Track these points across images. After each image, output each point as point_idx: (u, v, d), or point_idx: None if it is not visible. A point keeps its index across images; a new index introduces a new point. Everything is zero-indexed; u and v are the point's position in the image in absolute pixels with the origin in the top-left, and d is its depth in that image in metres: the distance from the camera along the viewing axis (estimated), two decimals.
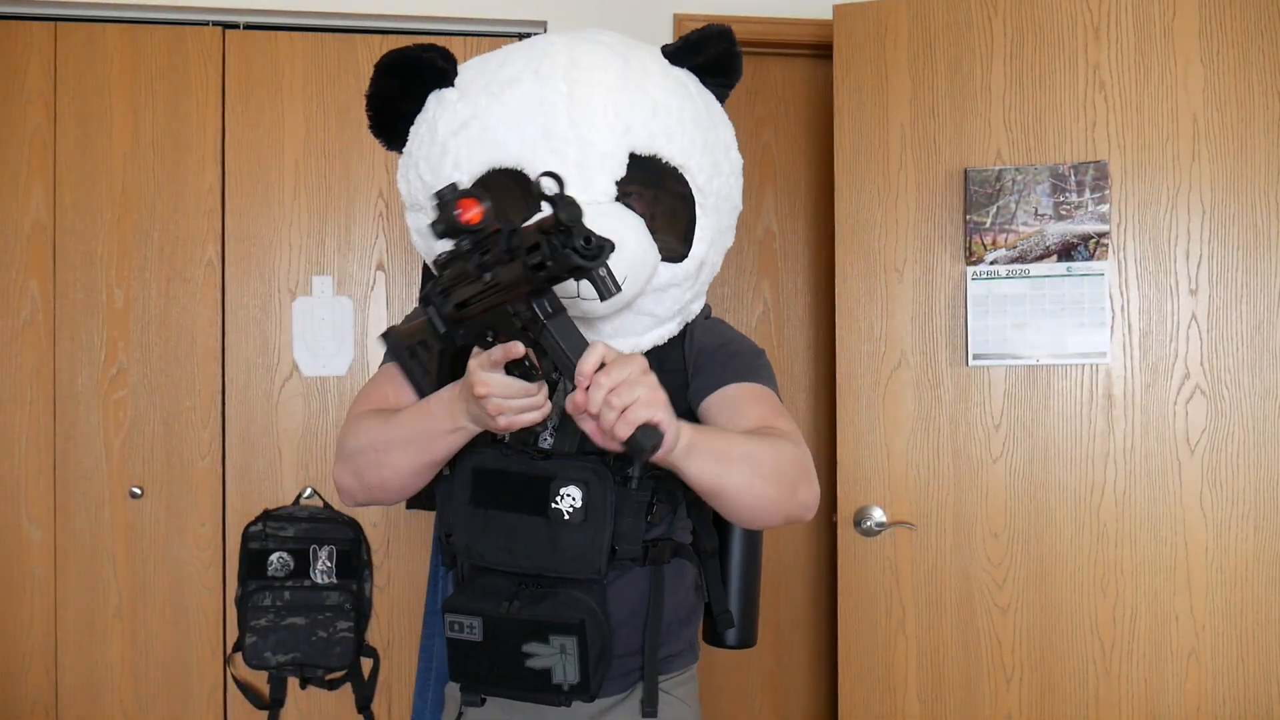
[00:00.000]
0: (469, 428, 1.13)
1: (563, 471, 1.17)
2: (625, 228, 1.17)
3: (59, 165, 2.32)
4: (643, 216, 1.21)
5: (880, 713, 2.18)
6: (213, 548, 2.35)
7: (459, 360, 1.18)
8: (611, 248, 0.92)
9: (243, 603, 2.28)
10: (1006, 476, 2.12)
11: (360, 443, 1.22)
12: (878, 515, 2.17)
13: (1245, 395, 2.03)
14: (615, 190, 1.21)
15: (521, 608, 1.16)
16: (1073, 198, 2.07)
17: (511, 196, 1.23)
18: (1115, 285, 2.07)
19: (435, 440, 1.16)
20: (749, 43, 2.49)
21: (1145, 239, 2.07)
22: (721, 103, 1.36)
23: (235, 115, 2.38)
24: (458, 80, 1.28)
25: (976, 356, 2.12)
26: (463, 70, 1.30)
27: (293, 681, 2.33)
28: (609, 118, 1.20)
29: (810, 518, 1.19)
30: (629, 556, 1.20)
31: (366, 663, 2.36)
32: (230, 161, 2.38)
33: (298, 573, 2.28)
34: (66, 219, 2.32)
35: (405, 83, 1.28)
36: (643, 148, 1.22)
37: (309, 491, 2.37)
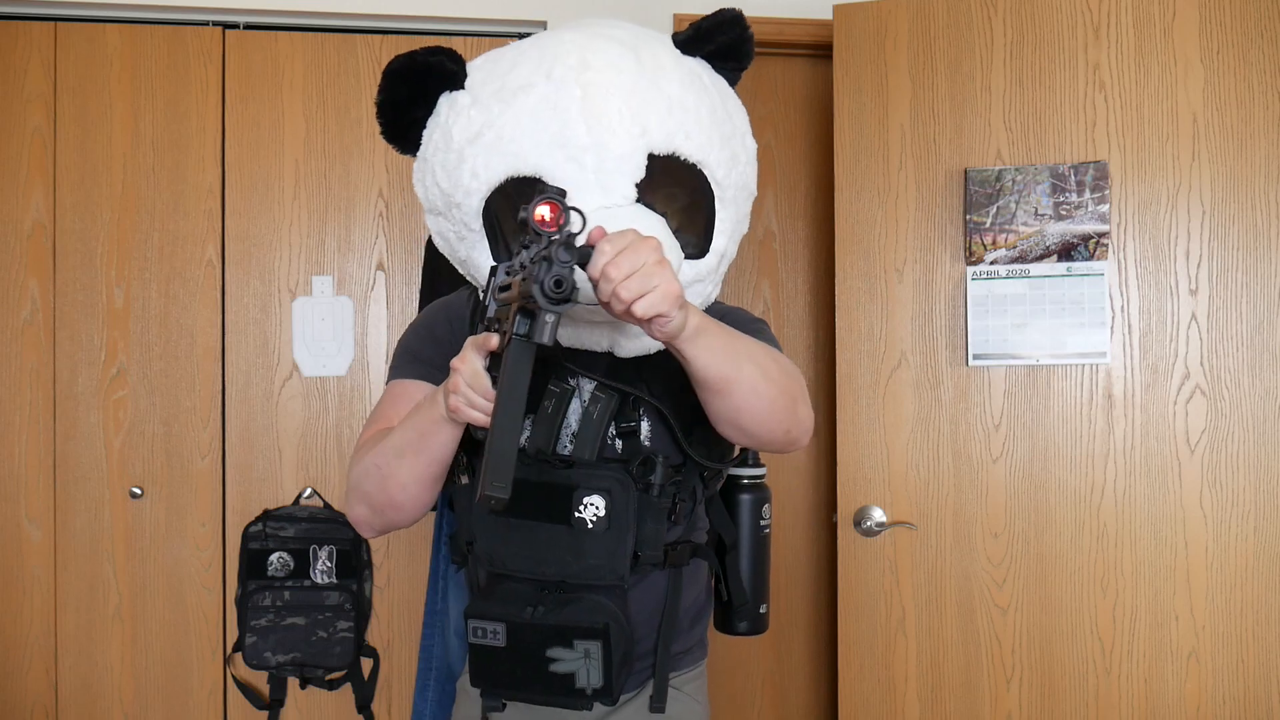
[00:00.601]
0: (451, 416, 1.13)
1: (585, 481, 1.17)
2: (647, 231, 1.16)
3: (59, 165, 2.32)
4: (663, 216, 1.20)
5: (880, 713, 2.18)
6: (213, 548, 2.35)
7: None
8: (572, 304, 0.94)
9: (243, 603, 2.28)
10: (1006, 476, 2.12)
11: (364, 465, 1.21)
12: (878, 515, 2.17)
13: (1245, 395, 2.03)
14: (635, 193, 1.19)
15: (546, 613, 1.16)
16: (1073, 198, 2.07)
17: None
18: (1115, 285, 2.07)
19: (430, 435, 1.14)
20: None
21: (1145, 239, 2.07)
22: (733, 86, 1.33)
23: (235, 115, 2.38)
24: (468, 82, 1.26)
25: (976, 356, 2.12)
26: (472, 71, 1.28)
27: (293, 681, 2.33)
28: (625, 121, 1.18)
29: (805, 443, 1.19)
30: (651, 561, 1.20)
31: (366, 663, 2.36)
32: (230, 161, 2.38)
33: (298, 573, 2.28)
34: (66, 219, 2.32)
35: (415, 88, 1.26)
36: (660, 147, 1.20)
37: (309, 491, 2.37)
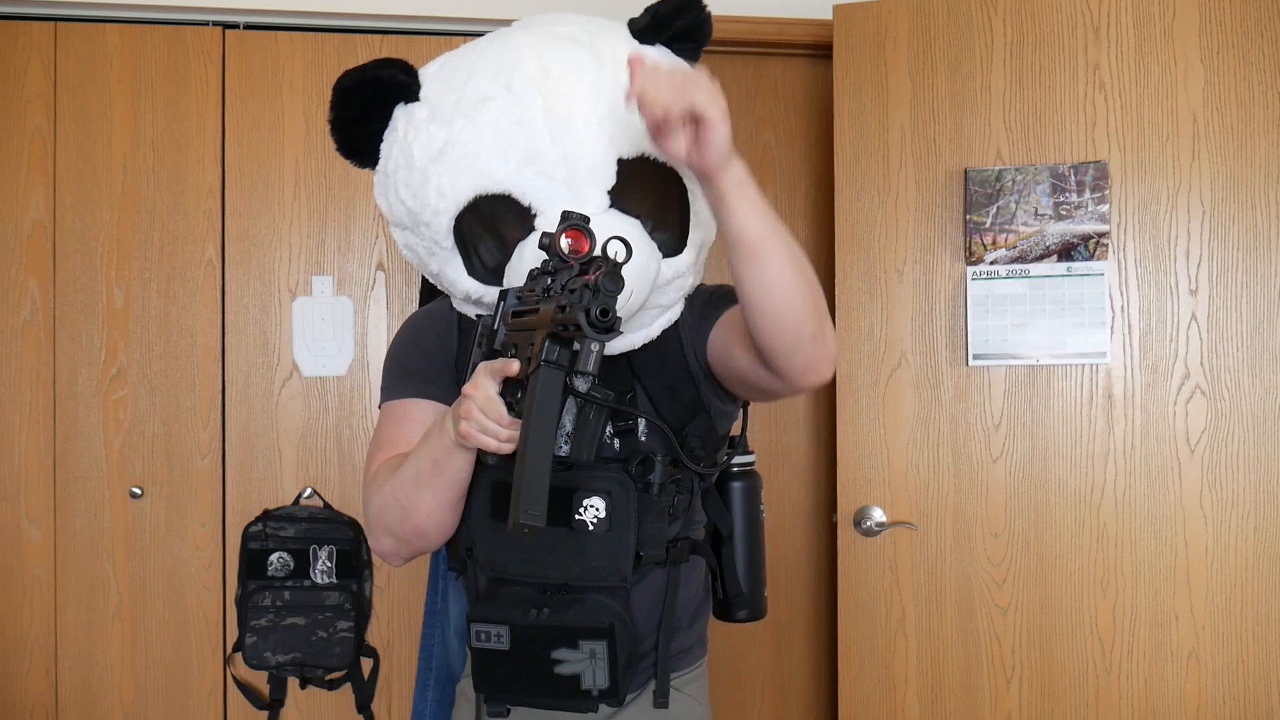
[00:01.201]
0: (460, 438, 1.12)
1: (585, 483, 1.17)
2: (625, 236, 1.16)
3: (59, 165, 2.32)
4: (637, 219, 1.19)
5: (880, 713, 2.18)
6: (213, 548, 2.35)
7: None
8: (617, 334, 0.94)
9: (243, 603, 2.28)
10: (1006, 476, 2.11)
11: (383, 499, 1.20)
12: (878, 515, 2.17)
13: (1245, 395, 2.03)
14: (608, 200, 1.18)
15: (550, 614, 1.15)
16: (1073, 198, 2.07)
17: (505, 223, 1.20)
18: (1115, 285, 2.07)
19: (444, 462, 1.14)
20: (749, 43, 2.49)
21: (1145, 239, 2.07)
22: (693, 63, 1.29)
23: (235, 115, 2.38)
24: (423, 93, 1.25)
25: (976, 356, 2.12)
26: (426, 81, 1.26)
27: (293, 681, 2.33)
28: (591, 128, 1.16)
29: (827, 376, 1.09)
30: (653, 560, 1.20)
31: (366, 663, 2.36)
32: (230, 161, 2.38)
33: (298, 573, 2.28)
34: (66, 219, 2.32)
35: (367, 102, 1.24)
36: (629, 151, 1.18)
37: (309, 491, 2.37)
